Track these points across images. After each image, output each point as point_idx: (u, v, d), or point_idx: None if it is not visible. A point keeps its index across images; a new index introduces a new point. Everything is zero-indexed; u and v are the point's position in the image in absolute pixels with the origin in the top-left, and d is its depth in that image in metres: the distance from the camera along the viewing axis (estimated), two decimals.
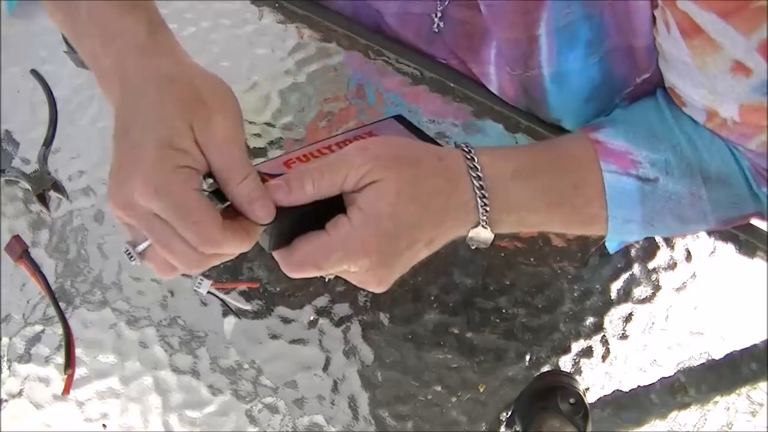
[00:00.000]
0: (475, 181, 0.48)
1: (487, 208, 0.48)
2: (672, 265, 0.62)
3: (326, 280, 0.50)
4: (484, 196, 0.48)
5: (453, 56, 0.65)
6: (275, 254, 0.47)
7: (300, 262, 0.46)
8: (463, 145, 0.49)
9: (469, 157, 0.49)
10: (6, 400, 0.57)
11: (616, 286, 0.61)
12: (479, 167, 0.48)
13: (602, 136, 0.52)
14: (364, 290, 0.59)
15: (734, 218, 0.54)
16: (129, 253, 0.45)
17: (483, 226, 0.49)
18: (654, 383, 0.58)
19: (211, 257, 0.45)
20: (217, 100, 0.45)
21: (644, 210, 0.51)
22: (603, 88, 0.59)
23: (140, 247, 0.44)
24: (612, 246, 0.56)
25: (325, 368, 0.58)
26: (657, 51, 0.54)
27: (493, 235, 0.50)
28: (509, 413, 0.56)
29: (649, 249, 0.62)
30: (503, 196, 0.49)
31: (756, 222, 0.62)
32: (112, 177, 0.44)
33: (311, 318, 0.59)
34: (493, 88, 0.64)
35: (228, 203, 0.45)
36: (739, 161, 0.52)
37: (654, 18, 0.50)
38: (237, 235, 0.44)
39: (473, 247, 0.52)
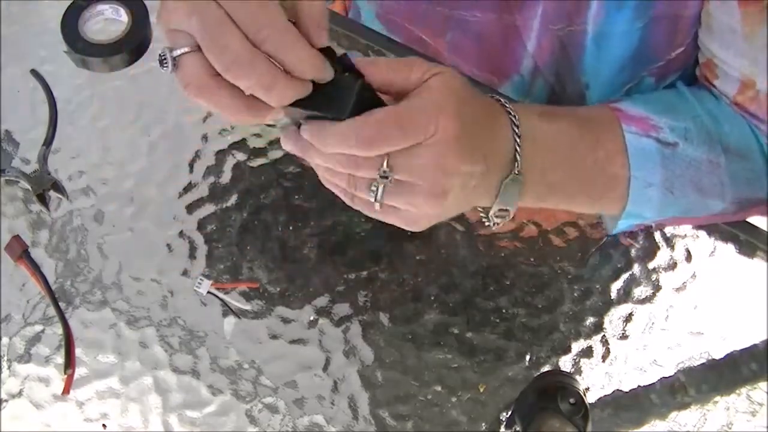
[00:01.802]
0: (513, 115, 0.48)
1: (520, 151, 0.48)
2: (672, 265, 0.62)
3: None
4: (519, 136, 0.48)
5: (497, 7, 0.63)
6: (348, 125, 0.42)
7: (381, 121, 0.42)
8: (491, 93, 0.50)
9: (502, 102, 0.50)
10: (6, 400, 0.57)
11: (616, 286, 0.61)
12: (517, 116, 0.49)
13: (623, 106, 0.53)
14: (364, 290, 0.59)
15: (749, 200, 0.54)
16: (164, 58, 0.42)
17: (515, 173, 0.48)
18: (654, 383, 0.58)
19: (259, 61, 0.39)
20: None
21: (664, 173, 0.51)
22: (638, 57, 0.60)
23: (177, 52, 0.41)
24: (624, 225, 0.54)
25: (325, 368, 0.58)
26: (699, 24, 0.55)
27: (521, 185, 0.48)
28: (509, 413, 0.56)
29: (649, 249, 0.62)
30: (531, 140, 0.49)
31: (756, 222, 0.62)
32: None
33: (311, 318, 0.59)
34: (530, 44, 0.63)
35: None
36: (758, 138, 0.53)
37: None
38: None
39: (492, 226, 0.51)
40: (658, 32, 0.58)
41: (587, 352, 0.59)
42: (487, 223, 0.52)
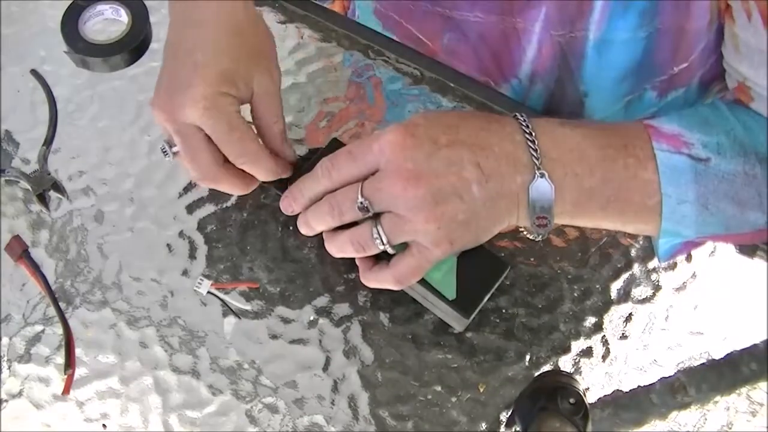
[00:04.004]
0: (520, 117, 0.50)
1: (536, 147, 0.48)
2: (672, 265, 0.62)
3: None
4: (531, 133, 0.49)
5: (499, 8, 0.63)
6: (317, 165, 0.53)
7: (335, 154, 0.51)
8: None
9: (515, 114, 0.50)
10: (6, 400, 0.57)
11: (616, 286, 0.61)
12: (525, 117, 0.50)
13: (655, 122, 0.52)
14: (364, 290, 0.59)
15: None
16: (164, 150, 0.53)
17: (537, 169, 0.48)
18: (654, 383, 0.58)
19: (223, 177, 0.53)
20: (273, 53, 0.55)
21: (698, 189, 0.50)
22: (640, 69, 0.59)
23: (175, 149, 0.53)
24: (666, 246, 0.54)
25: (325, 368, 0.58)
26: (705, 39, 0.55)
27: (552, 188, 0.48)
28: (509, 413, 0.56)
29: (649, 249, 0.62)
30: (552, 140, 0.49)
31: None
32: (163, 85, 0.51)
33: (311, 318, 0.59)
34: (531, 49, 0.63)
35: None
36: None
37: (728, 7, 0.52)
38: (272, 161, 0.54)
39: (537, 236, 0.51)
40: (661, 44, 0.57)
41: (587, 352, 0.59)
42: (530, 236, 0.52)
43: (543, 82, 0.66)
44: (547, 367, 0.58)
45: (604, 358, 0.59)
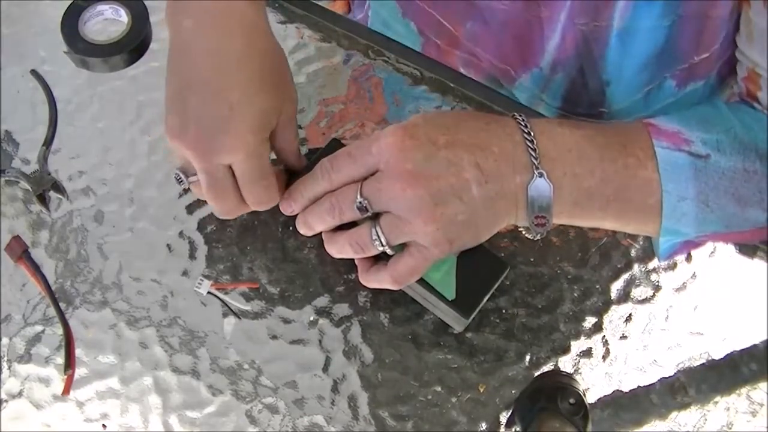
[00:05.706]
0: (518, 117, 0.50)
1: (535, 147, 0.48)
2: (672, 265, 0.62)
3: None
4: (530, 133, 0.49)
5: None
6: (316, 166, 0.53)
7: (335, 155, 0.51)
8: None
9: (513, 114, 0.50)
10: (6, 400, 0.57)
11: (616, 286, 0.61)
12: (524, 117, 0.50)
13: (655, 121, 0.52)
14: (364, 290, 0.59)
15: None
16: (179, 179, 0.52)
17: (536, 169, 0.48)
18: (654, 383, 0.58)
19: (241, 211, 0.53)
20: (289, 71, 0.54)
21: (698, 185, 0.50)
22: (662, 56, 0.60)
23: (193, 178, 0.52)
24: (667, 245, 0.54)
25: (325, 368, 0.58)
26: (726, 28, 0.55)
27: (551, 187, 0.48)
28: (509, 413, 0.56)
29: (649, 249, 0.62)
30: (551, 139, 0.49)
31: None
32: (191, 121, 0.49)
33: (311, 318, 0.59)
34: (554, 38, 0.63)
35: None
36: None
37: None
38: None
39: (535, 235, 0.51)
40: (684, 32, 0.57)
41: (587, 352, 0.59)
42: (529, 235, 0.52)
43: (564, 70, 0.66)
44: (547, 368, 0.58)
45: (604, 358, 0.59)
